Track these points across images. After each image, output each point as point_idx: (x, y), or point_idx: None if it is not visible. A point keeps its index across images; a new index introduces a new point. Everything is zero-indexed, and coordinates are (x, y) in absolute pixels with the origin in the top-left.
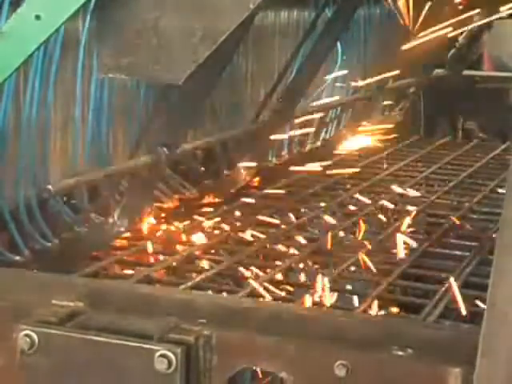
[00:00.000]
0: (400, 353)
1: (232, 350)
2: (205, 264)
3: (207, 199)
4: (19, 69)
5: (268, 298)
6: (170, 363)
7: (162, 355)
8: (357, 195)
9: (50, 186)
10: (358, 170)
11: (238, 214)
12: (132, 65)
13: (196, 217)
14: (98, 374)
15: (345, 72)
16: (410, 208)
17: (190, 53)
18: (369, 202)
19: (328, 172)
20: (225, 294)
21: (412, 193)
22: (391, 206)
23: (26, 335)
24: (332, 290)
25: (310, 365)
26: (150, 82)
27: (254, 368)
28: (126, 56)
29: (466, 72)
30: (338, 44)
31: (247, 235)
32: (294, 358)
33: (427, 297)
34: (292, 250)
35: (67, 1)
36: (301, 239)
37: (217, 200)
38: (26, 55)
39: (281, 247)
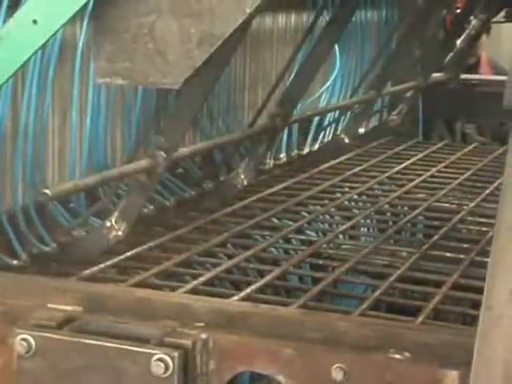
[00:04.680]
0: (397, 356)
1: (229, 354)
2: None
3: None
4: (16, 74)
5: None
6: (166, 367)
7: (159, 359)
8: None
9: (47, 190)
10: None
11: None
12: (128, 70)
13: None
14: (94, 378)
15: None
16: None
17: (186, 57)
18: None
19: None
20: None
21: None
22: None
23: (23, 339)
24: (330, 293)
25: (307, 368)
26: (147, 87)
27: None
28: (123, 61)
29: (464, 76)
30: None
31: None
32: (291, 361)
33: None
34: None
35: (64, 5)
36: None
37: None
38: (23, 60)
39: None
